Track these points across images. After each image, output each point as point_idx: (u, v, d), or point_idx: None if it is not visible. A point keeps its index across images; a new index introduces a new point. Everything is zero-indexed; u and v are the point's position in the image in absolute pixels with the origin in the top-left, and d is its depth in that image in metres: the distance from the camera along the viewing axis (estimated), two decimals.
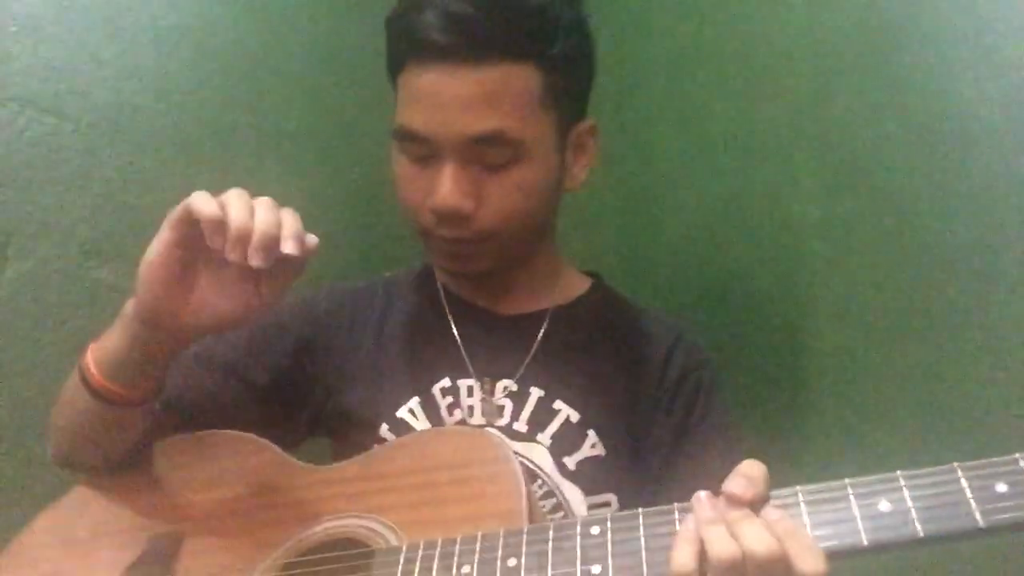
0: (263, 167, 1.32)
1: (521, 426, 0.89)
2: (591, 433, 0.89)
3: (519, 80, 0.84)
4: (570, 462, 0.88)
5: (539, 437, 0.88)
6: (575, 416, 0.89)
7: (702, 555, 0.56)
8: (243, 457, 0.86)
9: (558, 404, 0.90)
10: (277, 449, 0.87)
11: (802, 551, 0.55)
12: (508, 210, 0.87)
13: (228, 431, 0.89)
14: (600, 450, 0.88)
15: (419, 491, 0.76)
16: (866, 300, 1.05)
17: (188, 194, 0.72)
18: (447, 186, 0.84)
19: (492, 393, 0.91)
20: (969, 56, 0.92)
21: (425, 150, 0.85)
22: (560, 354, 0.94)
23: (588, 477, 0.87)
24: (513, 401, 0.91)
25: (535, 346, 0.94)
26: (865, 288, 1.05)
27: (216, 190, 0.73)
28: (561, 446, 0.88)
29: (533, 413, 0.90)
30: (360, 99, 1.40)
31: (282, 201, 0.74)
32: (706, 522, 0.57)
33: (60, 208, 1.15)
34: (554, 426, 0.89)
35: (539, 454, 0.87)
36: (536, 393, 0.91)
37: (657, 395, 0.92)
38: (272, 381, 0.95)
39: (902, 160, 1.00)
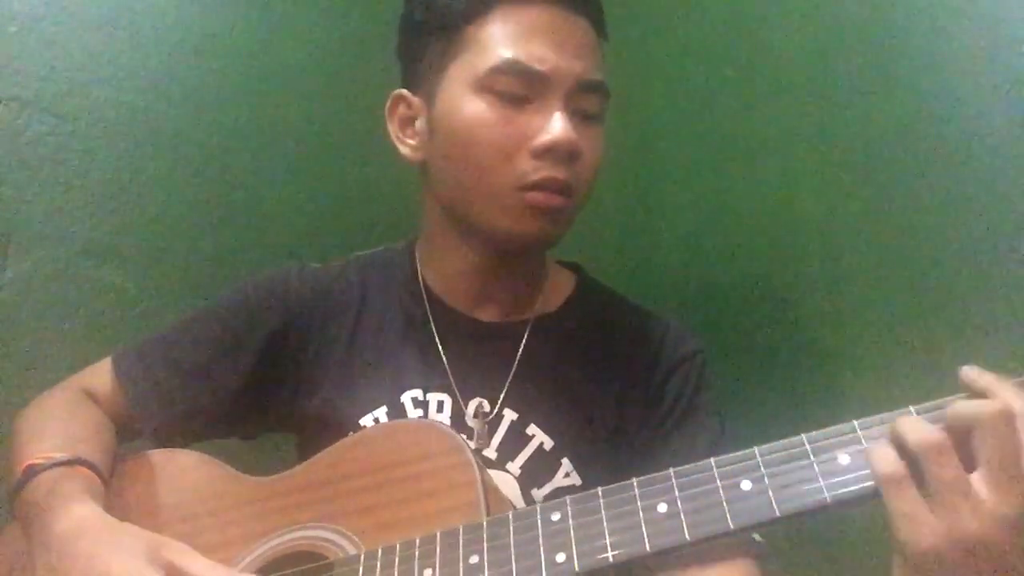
0: (263, 167, 1.32)
1: (491, 453, 0.85)
2: (565, 461, 0.85)
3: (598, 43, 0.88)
4: (539, 495, 0.83)
5: (508, 466, 0.84)
6: (549, 443, 0.85)
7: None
8: (188, 475, 0.83)
9: (532, 429, 0.86)
10: (221, 463, 0.84)
11: None
12: (592, 168, 0.85)
13: (168, 450, 0.86)
14: (575, 479, 0.84)
15: (372, 493, 0.73)
16: (866, 300, 1.05)
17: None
18: (562, 122, 0.81)
19: (464, 411, 0.87)
20: (969, 56, 0.92)
21: (526, 89, 0.81)
22: (541, 370, 0.89)
23: None
24: (485, 424, 0.86)
25: (515, 362, 0.89)
26: (865, 288, 1.05)
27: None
28: (531, 477, 0.84)
29: (504, 439, 0.86)
30: (360, 99, 1.40)
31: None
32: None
33: (60, 208, 1.15)
34: (525, 454, 0.85)
35: (507, 485, 0.82)
36: (510, 416, 0.87)
37: (646, 393, 0.89)
38: (242, 383, 0.91)
39: (902, 160, 1.00)
